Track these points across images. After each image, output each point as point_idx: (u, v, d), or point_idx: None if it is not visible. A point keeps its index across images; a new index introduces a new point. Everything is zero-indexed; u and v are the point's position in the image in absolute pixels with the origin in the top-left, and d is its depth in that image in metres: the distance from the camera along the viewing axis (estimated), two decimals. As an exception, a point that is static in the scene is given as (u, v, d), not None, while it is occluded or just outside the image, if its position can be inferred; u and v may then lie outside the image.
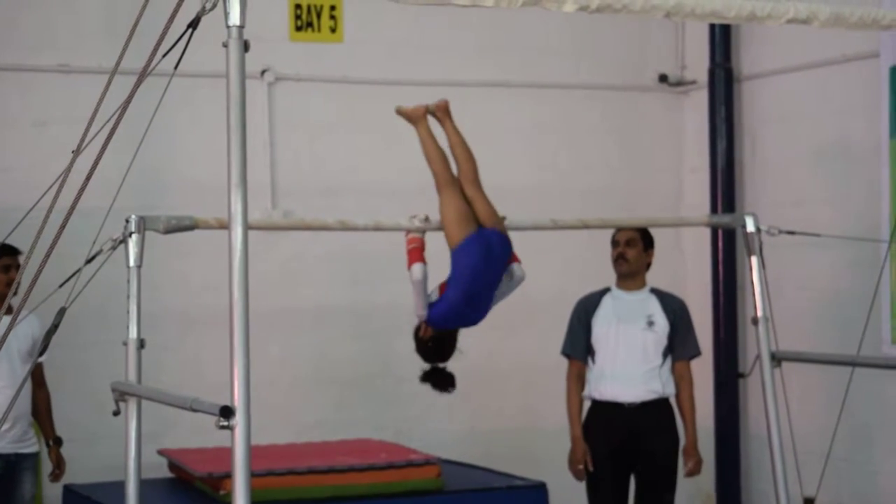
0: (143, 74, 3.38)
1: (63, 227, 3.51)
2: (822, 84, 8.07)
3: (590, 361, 6.58)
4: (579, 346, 6.61)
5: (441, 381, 5.71)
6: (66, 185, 3.74)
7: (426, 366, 5.75)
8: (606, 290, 6.68)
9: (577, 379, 6.62)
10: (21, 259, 6.38)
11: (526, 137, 8.80)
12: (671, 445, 6.54)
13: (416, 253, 5.32)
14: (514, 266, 5.57)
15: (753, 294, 5.60)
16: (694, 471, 6.58)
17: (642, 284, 6.63)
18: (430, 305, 5.46)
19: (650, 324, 6.50)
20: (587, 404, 6.63)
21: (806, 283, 8.05)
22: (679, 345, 6.54)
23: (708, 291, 8.67)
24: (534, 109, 8.81)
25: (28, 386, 6.38)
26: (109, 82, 3.70)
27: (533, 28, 8.69)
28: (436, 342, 5.57)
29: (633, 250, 6.55)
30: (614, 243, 6.62)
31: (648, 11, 3.83)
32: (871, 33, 7.36)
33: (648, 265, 6.66)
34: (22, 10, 7.64)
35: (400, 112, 5.82)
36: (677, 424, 6.59)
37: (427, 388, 8.24)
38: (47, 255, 3.54)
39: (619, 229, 6.60)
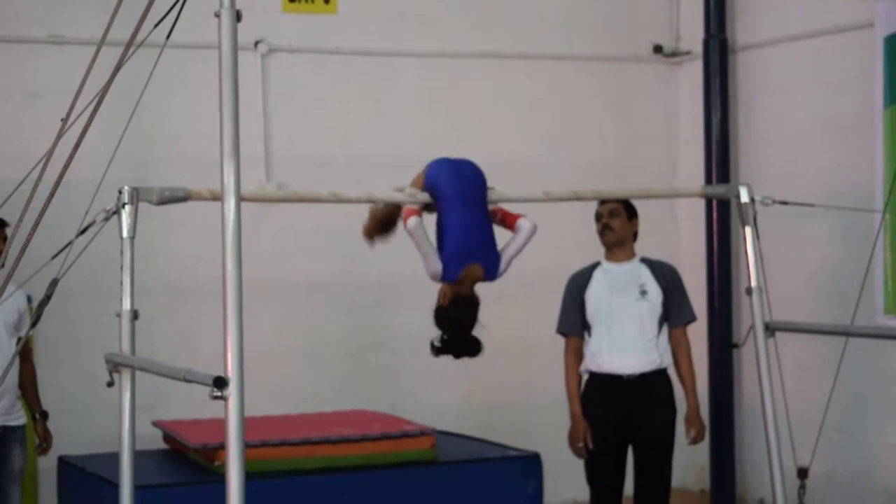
0: (129, 44, 3.37)
1: (50, 197, 3.51)
2: (817, 54, 8.05)
3: (586, 336, 6.57)
4: (575, 323, 6.60)
5: (466, 347, 5.16)
6: (57, 159, 3.74)
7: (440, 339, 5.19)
8: (596, 265, 6.66)
9: (575, 356, 6.61)
10: (9, 231, 6.36)
11: (519, 109, 8.79)
12: (669, 418, 6.54)
13: (412, 211, 5.13)
14: (520, 221, 5.39)
15: (747, 264, 5.59)
16: (697, 438, 6.58)
17: (631, 255, 6.62)
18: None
19: (643, 293, 6.49)
20: (584, 377, 6.63)
21: (800, 253, 8.05)
22: (674, 311, 6.54)
23: (702, 262, 8.68)
24: (527, 81, 8.79)
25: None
26: (97, 53, 3.70)
27: (526, -1, 8.69)
28: (456, 308, 5.22)
29: (618, 220, 6.54)
30: (598, 216, 6.61)
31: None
32: (865, 3, 7.35)
33: (635, 235, 6.65)
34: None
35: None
36: (675, 396, 6.59)
37: (421, 361, 8.23)
38: (35, 226, 3.54)
39: (601, 202, 6.58)
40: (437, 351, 5.15)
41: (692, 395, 6.54)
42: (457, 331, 5.12)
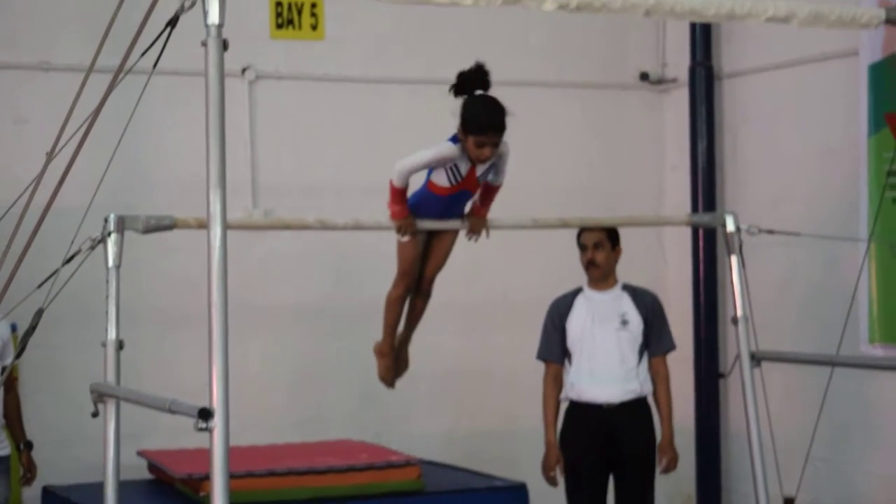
0: (118, 73, 3.36)
1: (37, 228, 3.50)
2: (803, 82, 8.08)
3: (566, 363, 6.58)
4: (555, 349, 6.61)
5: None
6: (45, 184, 3.74)
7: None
8: (579, 291, 6.67)
9: (554, 382, 6.61)
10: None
11: (506, 135, 8.77)
12: (650, 445, 6.54)
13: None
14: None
15: (733, 293, 5.60)
16: (669, 468, 6.58)
17: (614, 282, 6.63)
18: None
19: (624, 323, 6.50)
20: (565, 404, 6.63)
21: (786, 281, 8.06)
22: (654, 340, 6.54)
23: (689, 290, 8.68)
24: (514, 107, 8.74)
25: (-2, 388, 6.33)
26: (85, 81, 3.69)
27: (513, 25, 8.68)
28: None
29: (602, 253, 6.54)
30: (582, 247, 6.60)
31: (628, 10, 3.84)
32: (850, 31, 7.36)
33: (617, 259, 6.67)
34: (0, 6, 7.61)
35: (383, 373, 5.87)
36: (655, 424, 6.59)
37: (407, 389, 8.22)
38: (21, 257, 3.53)
39: (584, 230, 6.57)
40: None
41: (668, 423, 6.54)
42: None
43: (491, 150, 5.28)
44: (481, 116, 5.24)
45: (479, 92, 5.37)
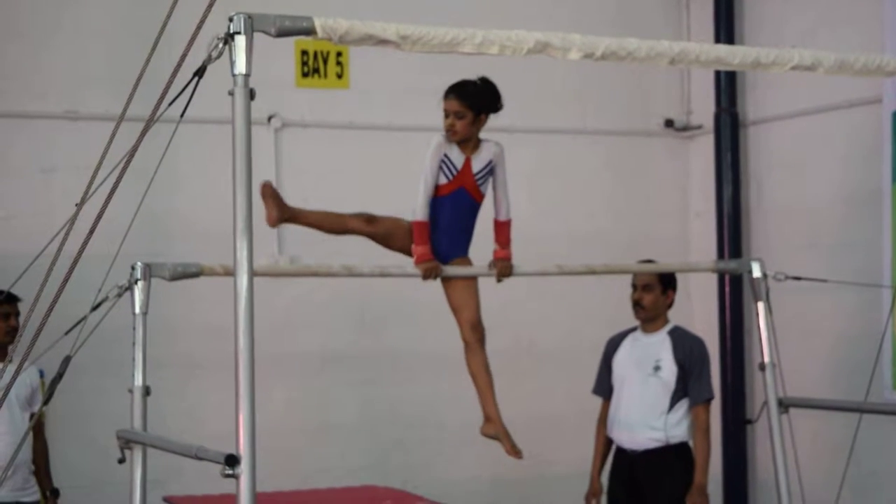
0: (147, 126, 3.39)
1: (67, 277, 3.52)
2: (827, 129, 8.08)
3: None
4: (605, 386, 6.66)
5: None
6: (72, 232, 3.76)
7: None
8: (632, 330, 6.69)
9: (605, 418, 6.67)
10: (21, 307, 6.38)
11: (531, 183, 8.79)
12: (676, 494, 6.49)
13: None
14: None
15: (760, 339, 5.58)
16: None
17: (662, 325, 6.59)
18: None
19: (656, 369, 6.47)
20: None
21: (812, 327, 8.02)
22: (692, 389, 6.49)
23: (715, 337, 8.64)
24: (539, 154, 8.81)
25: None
26: (114, 133, 3.72)
27: (539, 73, 8.71)
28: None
29: (650, 295, 6.52)
30: (633, 287, 6.61)
31: (653, 58, 3.87)
32: (874, 79, 7.37)
33: (671, 305, 6.64)
34: (28, 56, 7.67)
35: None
36: (691, 469, 6.54)
37: (434, 434, 8.21)
38: (52, 305, 3.54)
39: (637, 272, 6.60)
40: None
41: (700, 471, 6.49)
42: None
43: (454, 121, 5.29)
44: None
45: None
